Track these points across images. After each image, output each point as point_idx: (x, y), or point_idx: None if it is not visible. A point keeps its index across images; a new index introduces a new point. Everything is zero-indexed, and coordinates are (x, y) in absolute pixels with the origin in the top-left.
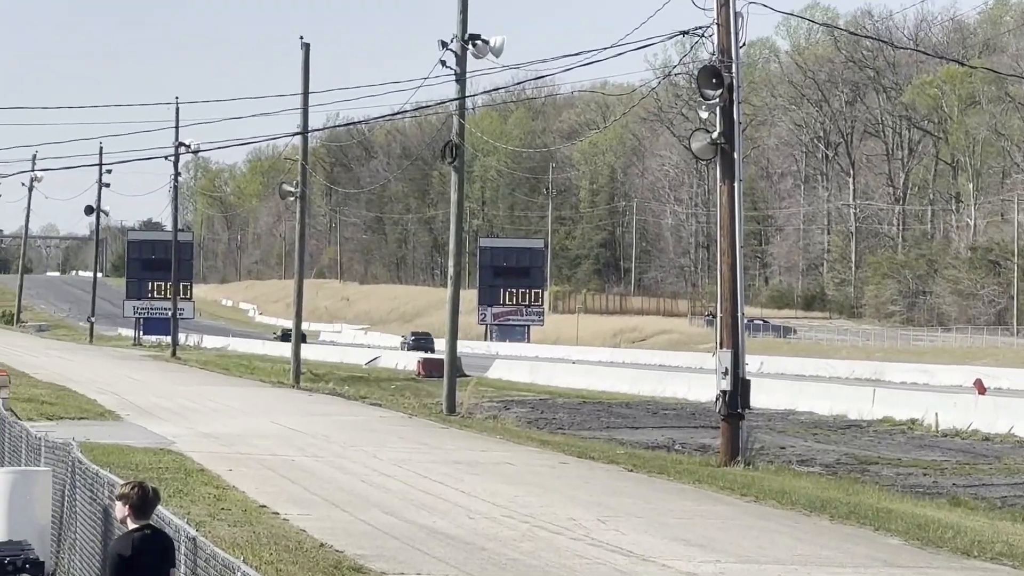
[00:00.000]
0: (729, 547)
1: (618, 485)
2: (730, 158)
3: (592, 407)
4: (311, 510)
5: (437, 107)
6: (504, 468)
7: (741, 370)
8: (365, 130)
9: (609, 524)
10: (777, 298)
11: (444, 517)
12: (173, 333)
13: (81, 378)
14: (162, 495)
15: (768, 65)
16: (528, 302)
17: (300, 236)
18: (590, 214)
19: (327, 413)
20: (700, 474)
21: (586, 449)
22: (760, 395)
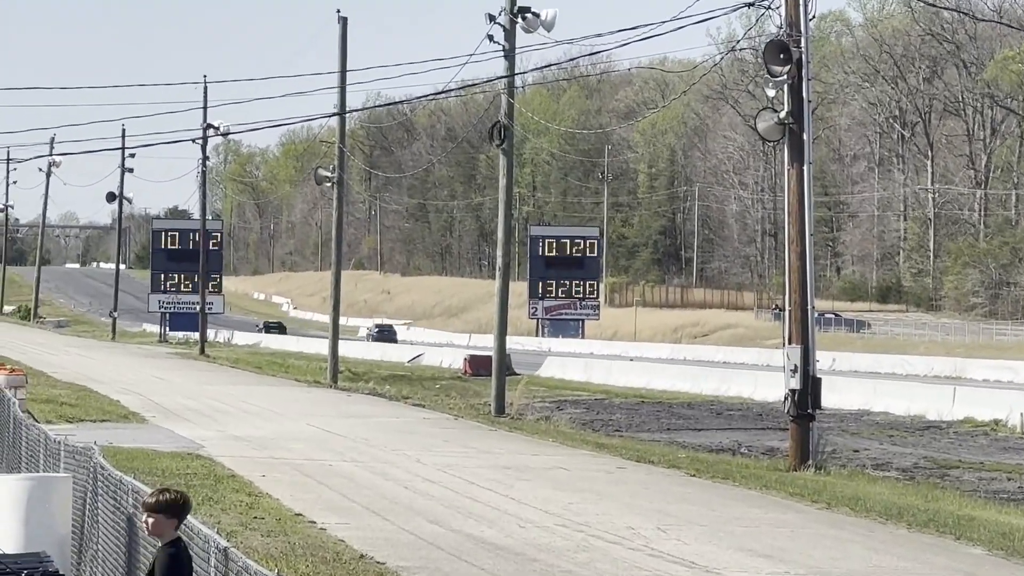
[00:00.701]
0: (799, 557)
1: (679, 491)
2: (799, 139)
3: (651, 407)
4: (350, 519)
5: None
6: (557, 473)
7: (811, 367)
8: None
9: (670, 533)
10: (850, 290)
11: (493, 526)
12: (201, 329)
13: (103, 377)
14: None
15: (840, 39)
16: (582, 295)
17: (337, 225)
18: (648, 200)
19: (367, 415)
20: (767, 479)
21: (645, 452)
22: (832, 394)
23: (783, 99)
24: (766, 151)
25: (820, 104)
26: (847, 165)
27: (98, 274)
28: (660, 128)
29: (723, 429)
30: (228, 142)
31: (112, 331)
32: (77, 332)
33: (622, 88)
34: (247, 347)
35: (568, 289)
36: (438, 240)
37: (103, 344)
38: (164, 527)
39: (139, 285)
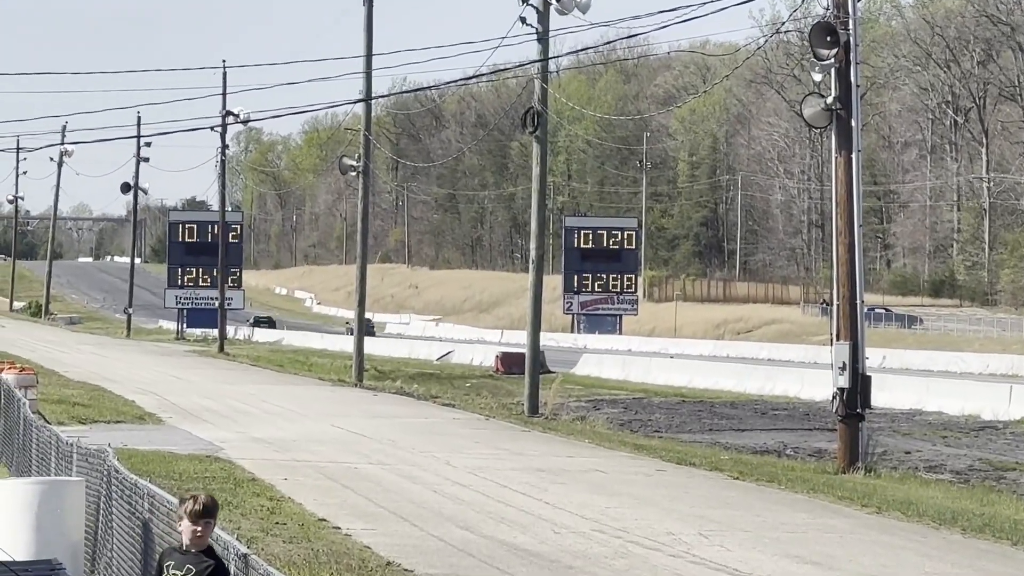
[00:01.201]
0: (848, 565)
1: (722, 495)
2: (847, 126)
3: (692, 407)
4: (376, 524)
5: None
6: (593, 476)
7: (861, 365)
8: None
9: (712, 539)
10: (900, 284)
11: (526, 532)
12: (221, 326)
13: (117, 377)
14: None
15: (889, 21)
16: (620, 289)
17: (363, 216)
18: (689, 189)
19: (394, 415)
20: (815, 482)
21: (686, 454)
22: (882, 393)
23: (830, 84)
24: (812, 138)
25: (869, 89)
26: (898, 153)
27: (112, 268)
28: (701, 114)
29: (768, 430)
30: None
31: (127, 328)
32: (90, 329)
33: (661, 72)
34: (268, 344)
35: (605, 283)
36: (468, 232)
37: (117, 342)
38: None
39: (155, 280)
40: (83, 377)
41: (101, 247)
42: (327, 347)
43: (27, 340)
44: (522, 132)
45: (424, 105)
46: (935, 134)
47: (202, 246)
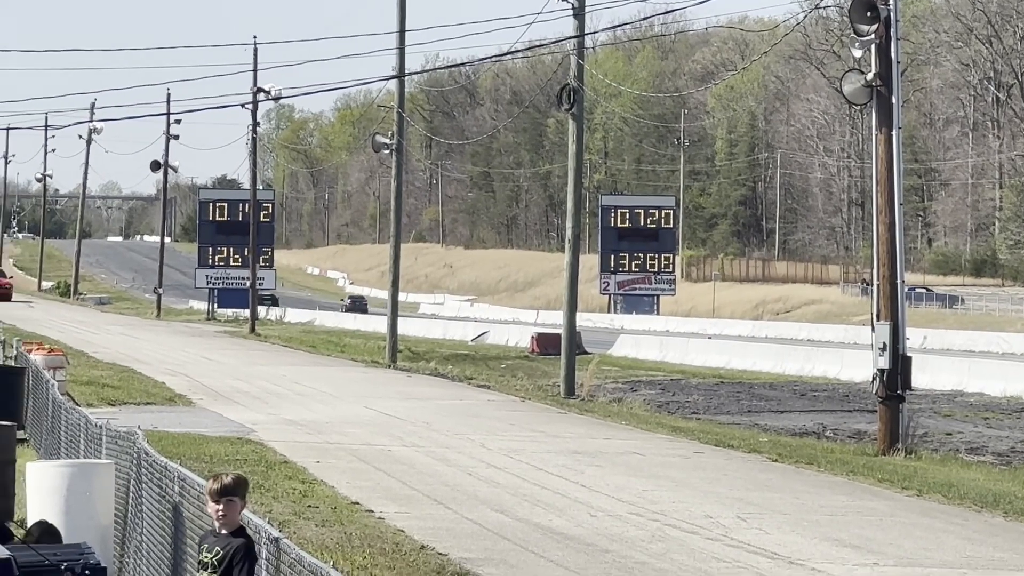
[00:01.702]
0: (888, 548)
1: (761, 477)
2: (887, 103)
3: (731, 388)
4: (410, 507)
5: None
6: (630, 458)
7: (901, 345)
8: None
9: (751, 522)
10: (942, 263)
11: (562, 515)
12: (252, 306)
13: (147, 358)
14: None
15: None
16: (657, 268)
17: (396, 195)
18: (727, 167)
19: (428, 397)
20: (854, 464)
21: (724, 436)
22: (923, 374)
23: (870, 60)
24: (852, 115)
25: (910, 65)
26: (939, 130)
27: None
28: (739, 91)
29: (807, 411)
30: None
31: (157, 308)
32: (120, 309)
33: (699, 49)
34: (301, 325)
35: (642, 262)
36: (503, 211)
37: (147, 322)
38: (238, 512)
39: (185, 259)
40: (112, 358)
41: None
42: (360, 328)
43: (56, 321)
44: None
45: (458, 82)
46: (977, 111)
47: (233, 225)
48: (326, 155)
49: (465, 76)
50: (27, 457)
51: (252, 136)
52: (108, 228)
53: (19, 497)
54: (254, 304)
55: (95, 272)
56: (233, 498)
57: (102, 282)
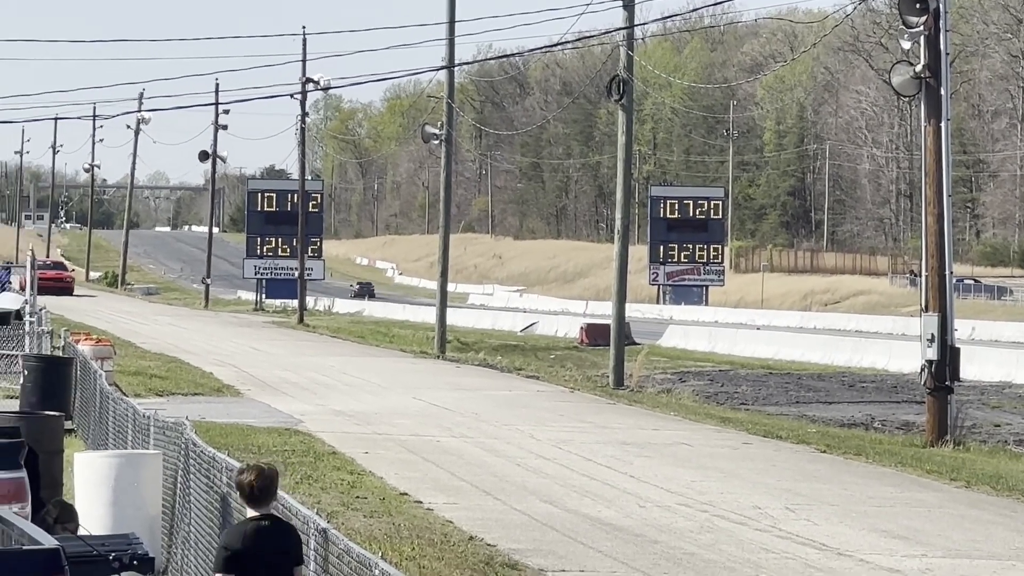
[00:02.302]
0: (936, 540)
1: (809, 468)
2: (936, 94)
3: (779, 379)
4: (459, 498)
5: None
6: (679, 449)
7: (949, 337)
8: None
9: (799, 513)
10: (990, 254)
11: (611, 506)
12: (300, 297)
13: (195, 348)
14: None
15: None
16: (706, 259)
17: (446, 185)
18: (776, 159)
19: (477, 387)
20: (903, 456)
21: (773, 427)
22: (971, 365)
23: (919, 52)
24: (901, 107)
25: (958, 57)
26: (987, 122)
27: (190, 238)
28: (788, 83)
29: (855, 402)
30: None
31: (204, 299)
32: (167, 300)
33: (748, 40)
34: (349, 315)
35: (691, 253)
36: (553, 201)
37: (195, 312)
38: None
39: (233, 250)
40: (160, 348)
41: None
42: (409, 318)
43: (103, 311)
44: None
45: (508, 72)
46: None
47: (282, 215)
48: (375, 145)
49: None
50: (75, 447)
51: (301, 126)
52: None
53: (67, 487)
54: (302, 294)
55: (143, 262)
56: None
57: (150, 272)
